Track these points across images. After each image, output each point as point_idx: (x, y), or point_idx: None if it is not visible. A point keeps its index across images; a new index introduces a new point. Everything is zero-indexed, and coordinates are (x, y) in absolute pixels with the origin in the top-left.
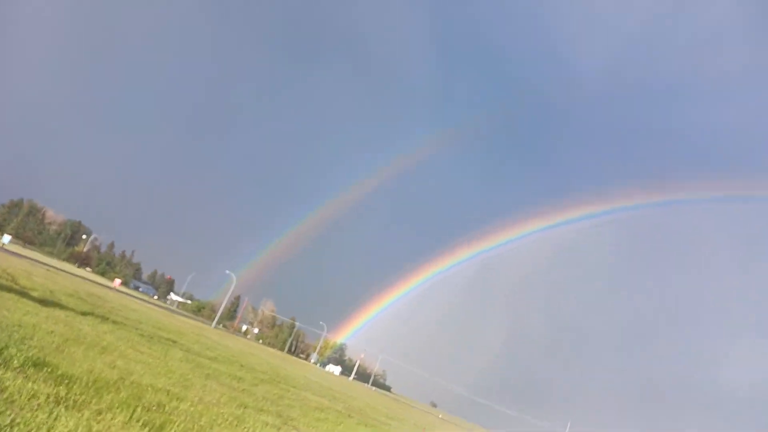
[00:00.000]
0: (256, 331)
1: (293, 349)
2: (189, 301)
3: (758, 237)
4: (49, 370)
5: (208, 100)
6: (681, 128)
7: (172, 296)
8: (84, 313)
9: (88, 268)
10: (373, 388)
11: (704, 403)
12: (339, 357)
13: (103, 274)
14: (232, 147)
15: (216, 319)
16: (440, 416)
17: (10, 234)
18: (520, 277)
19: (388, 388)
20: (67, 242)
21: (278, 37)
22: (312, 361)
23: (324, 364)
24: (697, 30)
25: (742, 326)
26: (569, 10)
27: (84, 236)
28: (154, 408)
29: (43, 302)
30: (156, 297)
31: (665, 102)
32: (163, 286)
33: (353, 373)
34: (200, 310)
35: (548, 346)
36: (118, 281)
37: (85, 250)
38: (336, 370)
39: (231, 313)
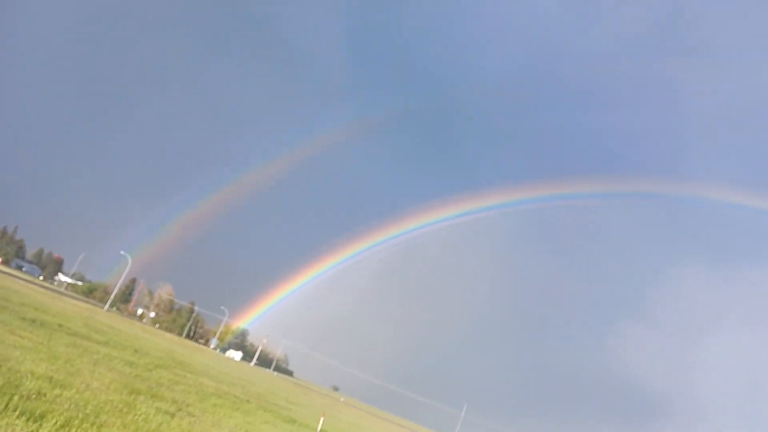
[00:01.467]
0: (152, 315)
1: (192, 334)
2: (80, 283)
3: (645, 230)
4: None
5: (105, 80)
6: (578, 129)
7: (61, 277)
8: None
9: None
10: (275, 373)
11: (595, 389)
12: (240, 342)
13: None
14: (132, 125)
15: (108, 302)
16: (341, 400)
17: None
18: (428, 265)
19: (290, 374)
20: None
21: (185, 22)
22: (212, 346)
23: (224, 350)
24: (596, 39)
25: (631, 317)
26: (479, 12)
27: None
28: (33, 396)
29: None
30: (41, 278)
31: (565, 105)
32: (50, 266)
33: (254, 358)
34: (92, 293)
35: (454, 333)
36: None
37: None
38: (237, 355)
39: (125, 297)
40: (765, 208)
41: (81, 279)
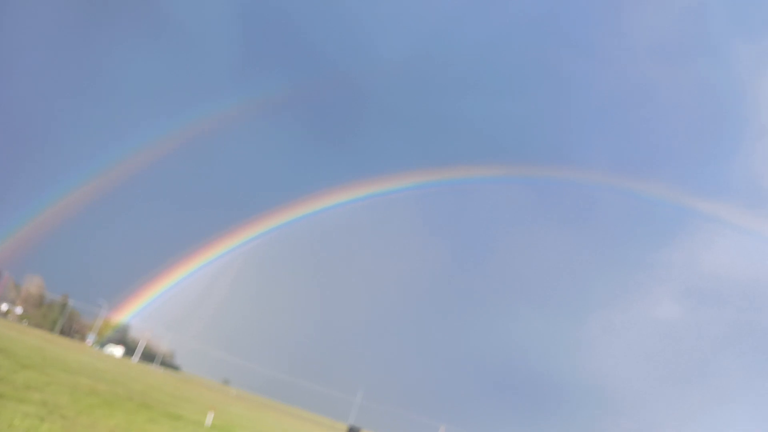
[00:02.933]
0: (19, 311)
1: (66, 330)
2: None
3: (533, 214)
4: None
5: None
6: (469, 116)
7: None
8: None
9: None
10: (160, 368)
11: (488, 371)
12: (121, 337)
13: None
14: None
15: None
16: (233, 393)
17: None
18: (322, 253)
19: (177, 369)
20: None
21: None
22: (89, 342)
23: (103, 346)
24: (487, 28)
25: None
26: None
27: None
28: None
29: None
30: None
31: (456, 92)
32: None
33: (137, 354)
34: None
35: (350, 320)
36: None
37: None
38: (117, 351)
39: None
40: (642, 192)
41: None
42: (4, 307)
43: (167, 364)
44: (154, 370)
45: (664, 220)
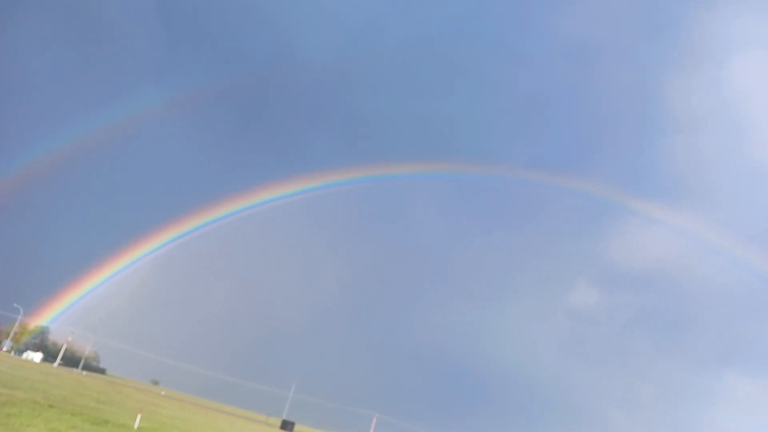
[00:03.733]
0: None
1: None
2: None
3: (455, 207)
4: None
5: None
6: (396, 115)
7: None
8: None
9: None
10: (84, 372)
11: (414, 359)
12: (41, 342)
13: None
14: None
15: None
16: (162, 393)
17: None
18: (250, 249)
19: (102, 371)
20: None
21: None
22: (4, 348)
23: (21, 352)
24: (409, 29)
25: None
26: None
27: None
28: None
29: None
30: None
31: (381, 90)
32: None
33: (58, 358)
34: None
35: (280, 315)
36: None
37: None
38: (36, 357)
39: None
40: (558, 186)
41: None
42: None
43: (92, 367)
44: (77, 374)
45: (579, 212)
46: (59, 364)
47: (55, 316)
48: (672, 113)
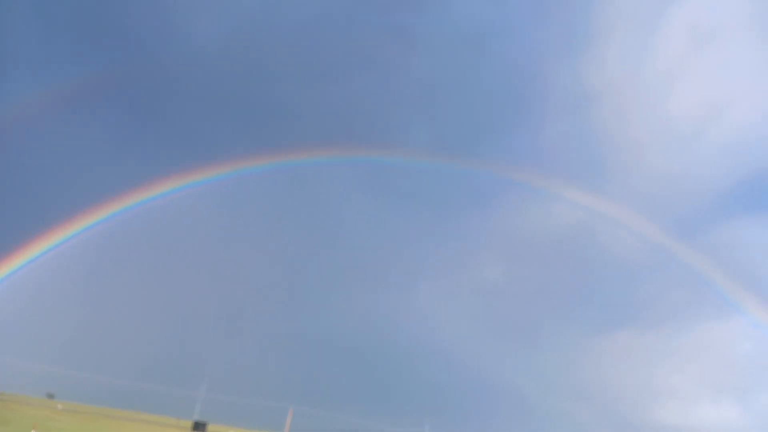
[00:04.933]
0: None
1: None
2: None
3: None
4: None
5: None
6: (295, 102)
7: None
8: None
9: None
10: None
11: (349, 351)
12: None
13: None
14: None
15: None
16: (59, 407)
17: None
18: (146, 247)
19: None
20: None
21: None
22: None
23: None
24: (306, 14)
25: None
26: None
27: None
28: None
29: None
30: None
31: (282, 78)
32: None
33: None
34: None
35: (192, 315)
36: None
37: None
38: None
39: None
40: (461, 166)
41: None
42: None
43: None
44: None
45: (482, 191)
46: None
47: None
48: (565, 93)
